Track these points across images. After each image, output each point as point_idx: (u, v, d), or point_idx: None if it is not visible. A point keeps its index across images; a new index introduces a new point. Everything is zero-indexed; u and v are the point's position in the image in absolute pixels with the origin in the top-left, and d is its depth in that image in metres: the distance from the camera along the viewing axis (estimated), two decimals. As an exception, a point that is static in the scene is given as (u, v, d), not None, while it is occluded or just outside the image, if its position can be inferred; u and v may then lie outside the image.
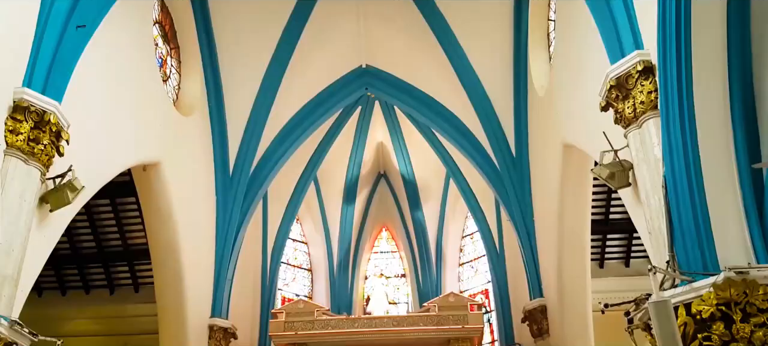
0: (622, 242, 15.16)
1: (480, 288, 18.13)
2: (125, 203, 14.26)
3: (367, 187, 19.55)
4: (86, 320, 15.48)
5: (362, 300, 18.97)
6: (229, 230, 14.61)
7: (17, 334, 7.11)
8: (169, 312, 13.18)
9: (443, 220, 18.96)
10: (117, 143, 10.00)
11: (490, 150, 14.82)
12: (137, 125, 10.79)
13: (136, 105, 10.76)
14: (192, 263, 13.23)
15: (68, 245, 14.76)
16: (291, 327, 13.73)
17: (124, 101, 10.28)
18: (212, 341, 14.05)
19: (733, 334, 5.53)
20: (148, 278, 14.78)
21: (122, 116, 10.17)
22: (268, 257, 17.13)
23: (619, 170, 7.20)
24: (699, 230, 5.94)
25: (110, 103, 9.76)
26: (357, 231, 19.34)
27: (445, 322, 13.62)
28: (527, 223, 14.16)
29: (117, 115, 9.97)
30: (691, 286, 5.79)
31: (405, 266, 19.72)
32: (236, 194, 14.79)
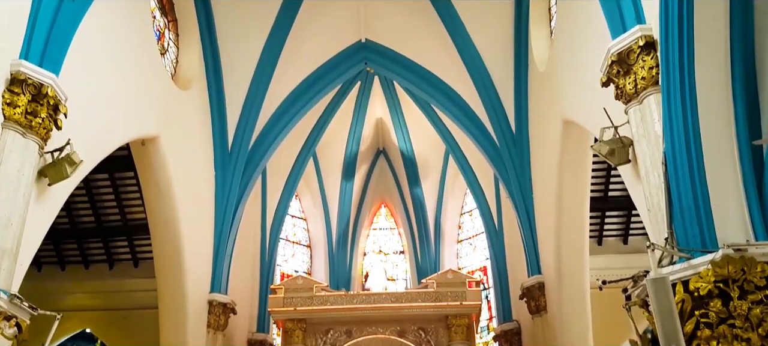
0: (621, 220, 15.18)
1: (478, 265, 18.20)
2: (124, 178, 14.23)
3: (366, 163, 19.52)
4: (85, 295, 15.53)
5: (361, 276, 19.06)
6: (228, 206, 14.62)
7: (17, 308, 7.13)
8: (169, 287, 13.23)
9: (442, 197, 18.97)
10: (115, 117, 9.95)
11: (489, 126, 14.77)
12: (135, 99, 10.73)
13: (134, 78, 10.69)
14: (191, 238, 13.25)
15: (67, 219, 14.76)
16: (290, 303, 13.81)
17: (122, 74, 10.22)
18: (211, 316, 14.14)
19: (731, 311, 5.54)
20: (148, 253, 14.81)
21: (120, 90, 10.11)
22: (267, 233, 17.15)
23: (619, 147, 7.17)
24: (698, 208, 5.93)
25: (108, 76, 9.70)
26: (356, 207, 19.36)
27: (444, 298, 13.70)
28: (526, 200, 14.17)
29: (115, 89, 9.91)
30: (689, 263, 5.79)
31: (404, 242, 19.77)
32: (235, 170, 14.77)
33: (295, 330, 13.68)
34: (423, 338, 13.61)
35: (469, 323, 13.63)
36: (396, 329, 13.73)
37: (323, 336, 13.77)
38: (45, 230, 8.19)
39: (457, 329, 13.50)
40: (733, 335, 5.48)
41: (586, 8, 8.75)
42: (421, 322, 13.74)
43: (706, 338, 5.58)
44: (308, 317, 13.80)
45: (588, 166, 12.00)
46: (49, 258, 15.67)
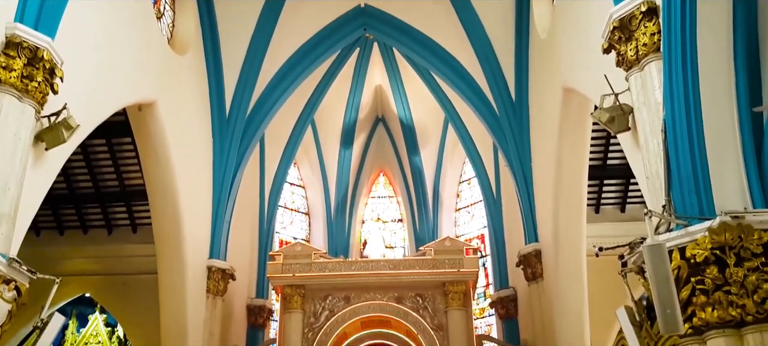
0: (619, 188, 15.21)
1: (476, 233, 18.29)
2: (121, 144, 14.20)
3: (364, 131, 19.46)
4: (84, 260, 15.62)
5: (359, 244, 19.14)
6: (226, 173, 14.62)
7: (15, 271, 7.15)
8: (168, 253, 13.30)
9: (441, 165, 18.96)
10: (111, 82, 9.88)
11: (489, 94, 14.70)
12: (131, 63, 10.65)
13: (130, 42, 10.60)
14: (189, 204, 13.28)
15: (65, 184, 14.77)
16: (288, 269, 13.88)
17: (118, 38, 10.12)
18: (211, 282, 14.24)
19: (727, 278, 5.56)
20: (146, 219, 14.85)
21: (115, 54, 10.02)
22: (266, 201, 17.17)
23: (619, 114, 7.14)
24: (696, 175, 5.92)
25: (104, 40, 9.61)
26: (354, 175, 19.36)
27: (441, 265, 13.77)
28: (525, 168, 14.17)
29: (110, 54, 9.82)
30: (686, 230, 5.80)
31: (402, 210, 19.81)
32: (233, 137, 14.74)
33: (293, 296, 13.77)
34: (420, 304, 13.71)
35: (466, 290, 13.73)
36: (394, 296, 13.82)
37: (322, 302, 13.87)
38: (43, 194, 8.19)
39: (454, 295, 13.60)
40: (728, 302, 5.51)
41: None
42: (419, 288, 13.83)
43: (702, 304, 5.61)
44: (307, 283, 13.88)
45: (587, 134, 11.98)
46: (48, 223, 15.71)
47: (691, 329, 5.73)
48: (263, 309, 16.26)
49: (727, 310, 5.52)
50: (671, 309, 5.38)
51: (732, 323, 5.52)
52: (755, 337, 5.43)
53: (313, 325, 13.65)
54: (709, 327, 5.62)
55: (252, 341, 15.76)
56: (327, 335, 13.49)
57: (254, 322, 16.12)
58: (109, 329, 17.17)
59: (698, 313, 5.66)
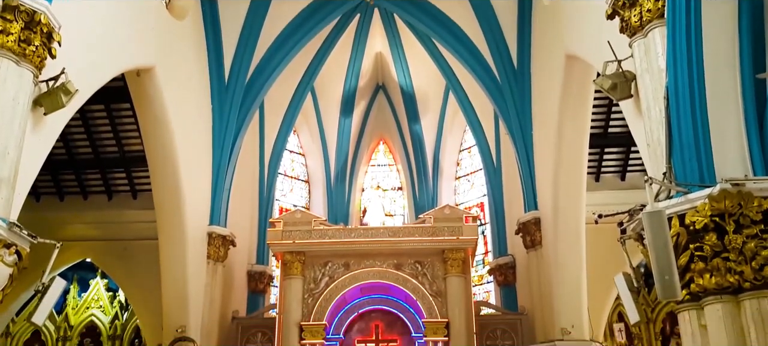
0: (620, 156, 15.21)
1: (476, 201, 18.32)
2: (120, 109, 14.16)
3: (365, 98, 19.34)
4: (85, 225, 15.68)
5: (359, 212, 19.17)
6: (225, 140, 14.60)
7: (16, 236, 7.18)
8: (168, 219, 13.35)
9: (441, 133, 18.89)
10: (109, 46, 9.80)
11: (491, 62, 14.60)
12: (129, 28, 10.55)
13: (128, 7, 10.48)
14: (189, 171, 13.29)
15: (64, 150, 14.76)
16: (289, 236, 13.95)
17: (116, 3, 10.00)
18: (211, 248, 14.33)
19: (725, 245, 5.57)
20: (146, 185, 14.87)
21: (113, 19, 9.90)
22: (266, 168, 17.16)
23: (622, 81, 7.09)
24: (698, 142, 5.90)
25: (101, 4, 9.49)
26: (354, 143, 19.29)
27: (440, 233, 13.84)
28: (525, 136, 14.15)
29: (108, 18, 9.71)
30: (686, 197, 5.79)
31: (402, 178, 19.80)
32: (232, 103, 14.68)
33: (293, 262, 13.87)
34: (419, 270, 13.82)
35: (464, 257, 13.82)
36: (393, 263, 13.92)
37: (321, 268, 13.98)
38: (42, 159, 8.19)
39: (453, 262, 13.69)
40: (726, 268, 5.53)
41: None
42: (418, 256, 13.93)
43: (700, 270, 5.64)
44: (307, 250, 13.97)
45: (589, 102, 11.94)
46: (48, 189, 15.74)
47: (688, 296, 5.76)
48: (264, 275, 16.38)
49: (724, 276, 5.54)
50: (669, 276, 5.41)
51: (729, 290, 5.55)
52: (752, 303, 5.46)
53: (313, 291, 13.78)
54: (706, 293, 5.65)
55: (253, 306, 15.91)
56: (327, 301, 13.62)
57: (255, 288, 16.25)
58: (111, 293, 17.31)
59: (696, 279, 5.69)
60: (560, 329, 13.18)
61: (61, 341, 16.65)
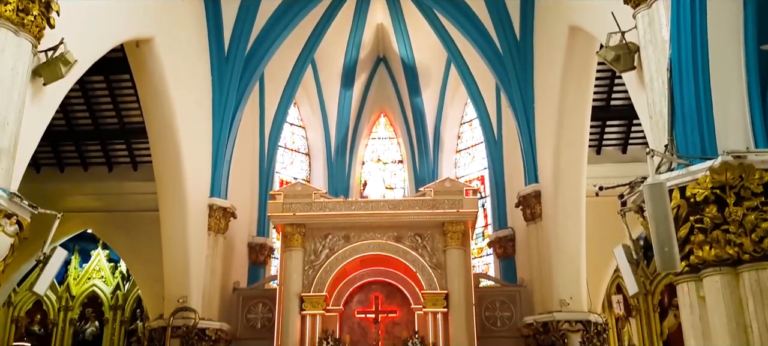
0: (621, 129, 15.17)
1: (476, 175, 18.32)
2: (120, 81, 14.10)
3: (365, 71, 19.22)
4: (85, 197, 15.72)
5: (359, 185, 19.18)
6: (225, 112, 14.54)
7: (17, 206, 7.18)
8: (168, 190, 13.37)
9: (442, 106, 18.81)
10: (108, 16, 9.69)
11: (493, 33, 14.48)
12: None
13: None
14: (189, 142, 13.27)
15: (64, 121, 14.73)
16: (289, 208, 13.98)
17: (113, -28, 9.90)
18: (212, 220, 14.37)
19: (726, 217, 5.58)
20: (146, 157, 14.87)
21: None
22: (266, 140, 17.11)
23: (625, 53, 7.05)
24: (700, 114, 5.87)
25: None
26: (355, 116, 19.22)
27: (441, 206, 13.86)
28: (527, 109, 14.09)
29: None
30: (687, 170, 5.79)
31: (402, 152, 19.78)
32: (232, 75, 14.60)
33: (294, 235, 13.92)
34: (419, 243, 13.88)
35: (464, 230, 13.87)
36: (393, 235, 13.97)
37: (322, 241, 14.04)
38: (42, 130, 8.17)
39: (452, 235, 13.74)
40: (726, 240, 5.54)
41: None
42: (418, 228, 13.97)
43: (699, 242, 5.65)
44: (307, 222, 14.01)
45: (592, 74, 11.88)
46: (48, 160, 15.75)
47: (687, 267, 5.78)
48: (264, 247, 16.45)
49: (724, 248, 5.55)
50: (669, 247, 5.42)
51: (729, 262, 5.56)
52: (751, 275, 5.47)
53: (314, 262, 13.85)
54: (705, 265, 5.67)
55: (253, 278, 16.01)
56: (327, 273, 13.70)
57: (255, 259, 16.33)
58: (112, 264, 17.43)
59: (695, 251, 5.70)
60: (559, 300, 13.28)
61: (62, 311, 16.82)
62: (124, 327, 16.61)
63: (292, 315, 13.41)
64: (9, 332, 16.63)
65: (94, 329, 16.68)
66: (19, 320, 16.81)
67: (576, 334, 13.18)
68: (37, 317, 16.85)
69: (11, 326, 16.74)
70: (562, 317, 13.21)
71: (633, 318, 15.84)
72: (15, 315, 16.84)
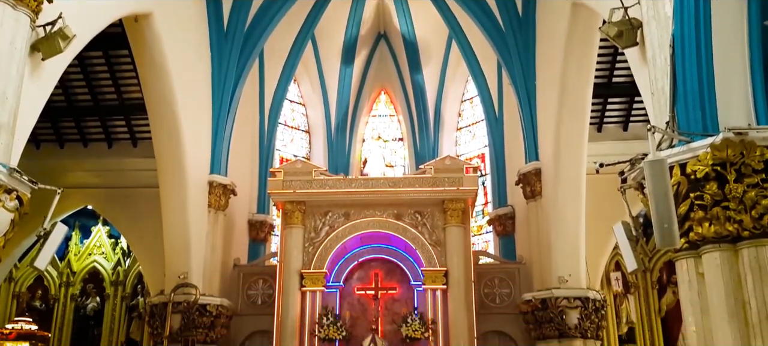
0: (623, 106, 15.12)
1: (476, 152, 18.29)
2: (119, 56, 14.03)
3: (366, 47, 19.09)
4: (85, 173, 15.72)
5: (359, 163, 19.16)
6: (225, 88, 14.48)
7: (16, 181, 7.19)
8: (168, 167, 13.38)
9: (443, 83, 18.71)
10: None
11: (495, 9, 14.36)
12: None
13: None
14: (189, 119, 13.24)
15: (63, 97, 14.69)
16: (289, 186, 13.98)
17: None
18: (212, 197, 14.38)
19: (726, 194, 5.58)
20: (146, 133, 14.85)
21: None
22: (266, 118, 17.04)
23: (628, 29, 7.00)
24: (702, 91, 5.86)
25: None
26: (355, 93, 19.13)
27: (441, 183, 13.86)
28: (529, 86, 14.01)
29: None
30: (688, 146, 5.78)
31: (403, 129, 19.72)
32: (231, 51, 14.51)
33: (294, 212, 13.94)
34: (419, 220, 13.89)
35: (464, 208, 13.88)
36: (393, 213, 13.98)
37: (322, 218, 14.06)
38: (41, 105, 8.16)
39: (452, 212, 13.75)
40: (725, 217, 5.55)
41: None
42: (418, 206, 13.98)
43: (699, 219, 5.66)
44: (307, 199, 14.02)
45: (594, 50, 11.82)
46: (47, 136, 15.73)
47: (686, 244, 5.80)
48: (264, 224, 16.48)
49: (724, 225, 5.57)
50: (668, 224, 5.44)
51: (728, 238, 5.58)
52: (750, 252, 5.49)
53: (314, 240, 13.88)
54: (705, 242, 5.69)
55: (253, 254, 16.05)
56: (327, 250, 13.73)
57: (256, 236, 16.37)
58: (112, 240, 17.48)
59: (695, 228, 5.72)
60: (558, 277, 13.34)
61: (64, 286, 16.92)
62: (125, 303, 16.71)
63: (293, 292, 13.47)
64: (10, 307, 16.75)
65: (95, 305, 16.80)
66: (21, 296, 16.91)
67: (574, 310, 13.26)
68: (39, 292, 16.95)
69: (13, 301, 16.85)
70: (561, 294, 13.27)
71: (631, 295, 15.94)
72: (16, 291, 16.94)
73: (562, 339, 13.24)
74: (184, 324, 13.38)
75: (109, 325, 16.49)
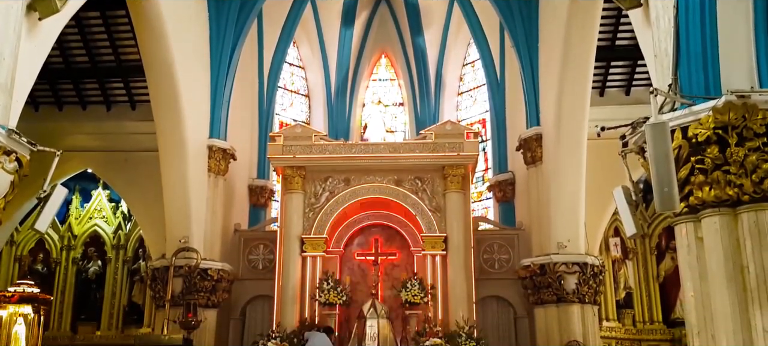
0: (625, 70, 14.98)
1: (477, 117, 18.22)
2: (116, 17, 13.87)
3: (366, 9, 18.84)
4: (84, 136, 15.67)
5: (360, 128, 19.10)
6: (223, 51, 14.34)
7: (15, 142, 7.14)
8: (167, 131, 13.35)
9: (445, 47, 18.52)
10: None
11: (498, -31, 14.14)
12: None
13: None
14: (187, 82, 13.17)
15: (61, 58, 14.56)
16: (289, 150, 13.95)
17: None
18: (212, 161, 14.37)
19: (727, 157, 5.54)
20: (144, 96, 14.75)
21: None
22: (265, 81, 16.92)
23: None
24: (705, 53, 5.78)
25: None
26: (355, 57, 18.95)
27: (441, 149, 13.83)
28: (531, 49, 13.87)
29: None
30: (690, 110, 5.73)
31: (403, 94, 19.60)
32: (229, 12, 14.33)
33: (294, 177, 13.94)
34: (419, 186, 13.90)
35: (464, 173, 13.87)
36: (393, 178, 13.98)
37: (322, 183, 14.06)
38: (38, 66, 8.05)
39: (452, 178, 13.75)
40: (726, 181, 5.52)
41: None
42: (418, 172, 13.97)
43: (699, 183, 5.63)
44: (307, 164, 14.00)
45: (598, 12, 11.66)
46: (46, 98, 15.63)
47: (686, 208, 5.78)
48: (265, 190, 16.49)
49: (724, 189, 5.54)
50: (669, 188, 5.41)
51: (728, 203, 5.56)
52: (750, 216, 5.47)
53: (314, 205, 13.91)
54: (704, 206, 5.66)
55: (254, 220, 16.09)
56: (327, 216, 13.76)
57: (256, 202, 16.40)
58: (113, 204, 17.49)
59: (695, 192, 5.70)
60: (556, 243, 13.38)
61: (65, 250, 16.98)
62: (126, 266, 16.80)
63: (293, 257, 13.54)
64: (12, 270, 16.84)
65: (96, 268, 16.88)
66: (23, 259, 17.00)
67: (572, 276, 13.34)
68: (40, 256, 17.02)
69: (14, 264, 16.94)
70: (559, 260, 13.33)
71: (630, 260, 16.02)
72: (18, 254, 17.02)
73: (560, 304, 13.34)
74: (186, 288, 13.48)
75: (111, 288, 16.60)
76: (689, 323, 5.81)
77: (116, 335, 16.19)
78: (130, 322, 16.21)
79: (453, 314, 12.87)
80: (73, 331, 16.38)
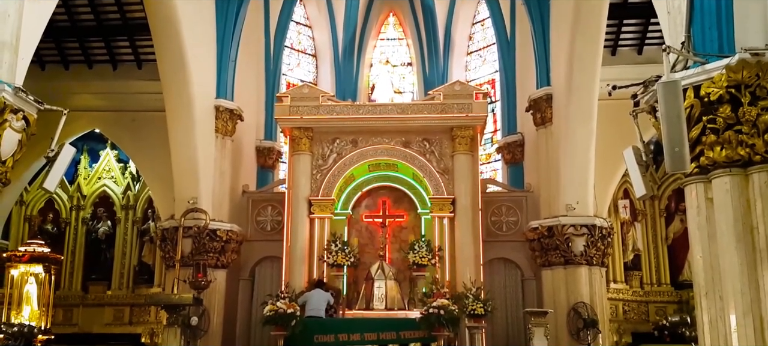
0: (638, 28, 14.70)
1: (487, 78, 18.00)
2: (121, -27, 13.70)
3: (374, -34, 18.54)
4: (91, 95, 15.62)
5: (367, 88, 18.94)
6: (229, 9, 14.16)
7: (22, 101, 7.15)
8: (174, 91, 13.29)
9: (454, 4, 18.18)
10: None
11: None
12: None
13: None
14: (193, 40, 13.05)
15: (67, 16, 14.45)
16: (296, 111, 13.88)
17: None
18: (219, 122, 14.33)
19: (739, 117, 5.46)
20: (151, 55, 14.66)
21: None
22: (271, 41, 16.74)
23: (645, -56, 6.71)
24: (719, 10, 5.65)
25: None
26: (363, 15, 18.63)
27: (450, 110, 13.71)
28: (542, 7, 13.58)
29: None
30: (703, 68, 5.63)
31: (412, 54, 19.34)
32: (233, -30, 14.11)
33: (301, 138, 13.90)
34: (427, 148, 13.84)
35: (473, 135, 13.78)
36: (401, 140, 13.91)
37: (329, 145, 14.03)
38: (43, 24, 7.97)
39: (461, 140, 13.67)
40: (737, 141, 5.45)
41: None
42: (426, 133, 13.89)
43: (711, 143, 5.56)
44: (314, 125, 13.94)
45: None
46: (52, 57, 15.57)
47: (697, 169, 5.73)
48: (272, 151, 16.47)
49: (735, 149, 5.48)
50: (680, 147, 5.34)
51: (739, 163, 5.50)
52: (761, 176, 5.42)
53: (322, 167, 13.90)
54: (715, 166, 5.61)
55: (262, 181, 16.11)
56: (335, 177, 13.75)
57: (264, 163, 16.40)
58: (121, 164, 17.54)
59: (706, 152, 5.64)
60: (565, 205, 13.33)
61: (74, 210, 17.09)
62: (136, 227, 16.92)
63: (301, 218, 13.58)
64: (23, 230, 17.00)
65: (106, 229, 17.00)
66: (32, 219, 17.14)
67: (580, 238, 13.32)
68: (50, 216, 17.14)
69: (24, 224, 17.09)
70: (568, 222, 13.30)
71: (638, 222, 15.98)
72: (28, 214, 17.16)
73: (567, 266, 13.35)
74: (195, 248, 13.57)
75: (121, 248, 16.75)
76: (697, 284, 5.80)
77: (127, 294, 16.40)
78: (141, 282, 16.40)
79: (460, 275, 12.91)
80: (84, 290, 16.59)
